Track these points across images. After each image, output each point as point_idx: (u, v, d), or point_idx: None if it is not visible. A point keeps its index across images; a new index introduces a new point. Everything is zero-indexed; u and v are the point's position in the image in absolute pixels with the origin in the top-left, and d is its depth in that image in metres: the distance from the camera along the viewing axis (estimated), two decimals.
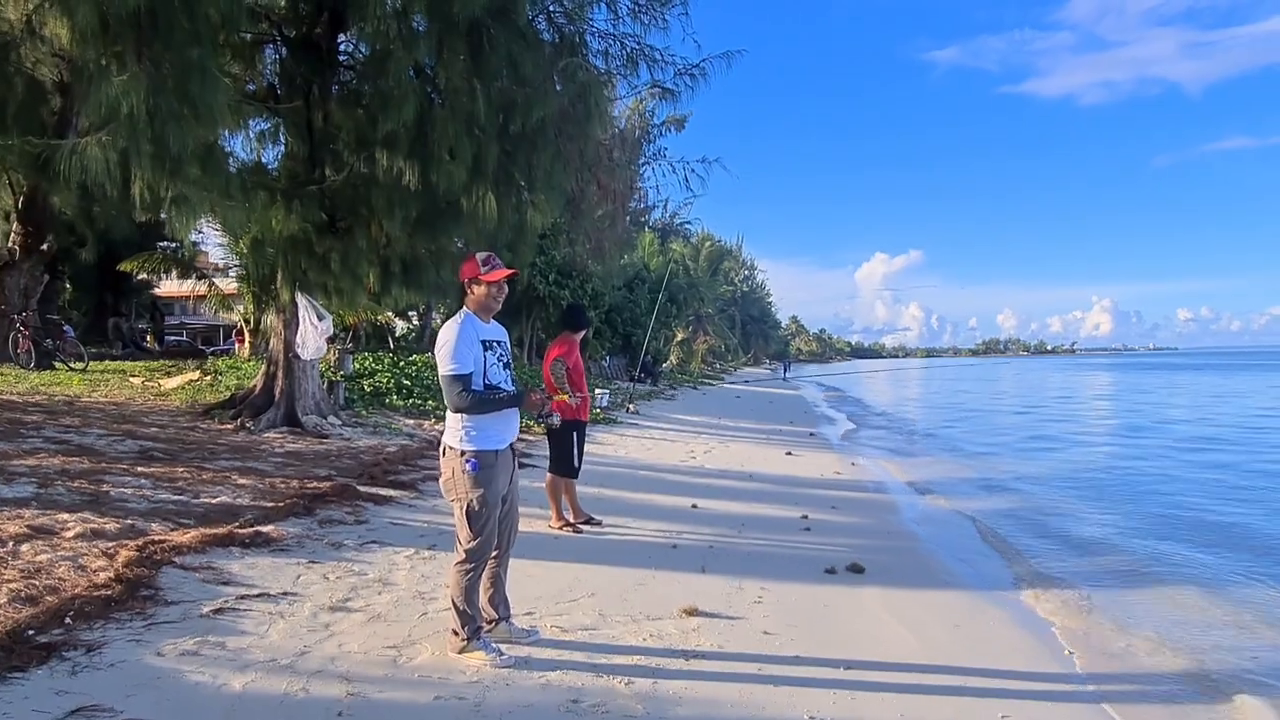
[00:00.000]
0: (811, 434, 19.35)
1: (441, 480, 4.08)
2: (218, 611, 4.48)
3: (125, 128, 6.18)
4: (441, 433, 4.16)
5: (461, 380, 3.87)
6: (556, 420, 4.19)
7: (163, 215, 7.96)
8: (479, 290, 4.05)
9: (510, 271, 4.13)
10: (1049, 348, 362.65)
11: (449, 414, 4.03)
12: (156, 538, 5.49)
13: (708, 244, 59.67)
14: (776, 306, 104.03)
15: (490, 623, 4.30)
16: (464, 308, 4.10)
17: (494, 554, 4.21)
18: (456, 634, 4.09)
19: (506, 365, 4.16)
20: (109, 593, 4.43)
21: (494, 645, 4.15)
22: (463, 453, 3.94)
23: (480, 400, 3.91)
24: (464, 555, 4.02)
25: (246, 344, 21.73)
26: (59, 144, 6.20)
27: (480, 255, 4.10)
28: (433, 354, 4.30)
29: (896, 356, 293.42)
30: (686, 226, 53.47)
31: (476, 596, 4.13)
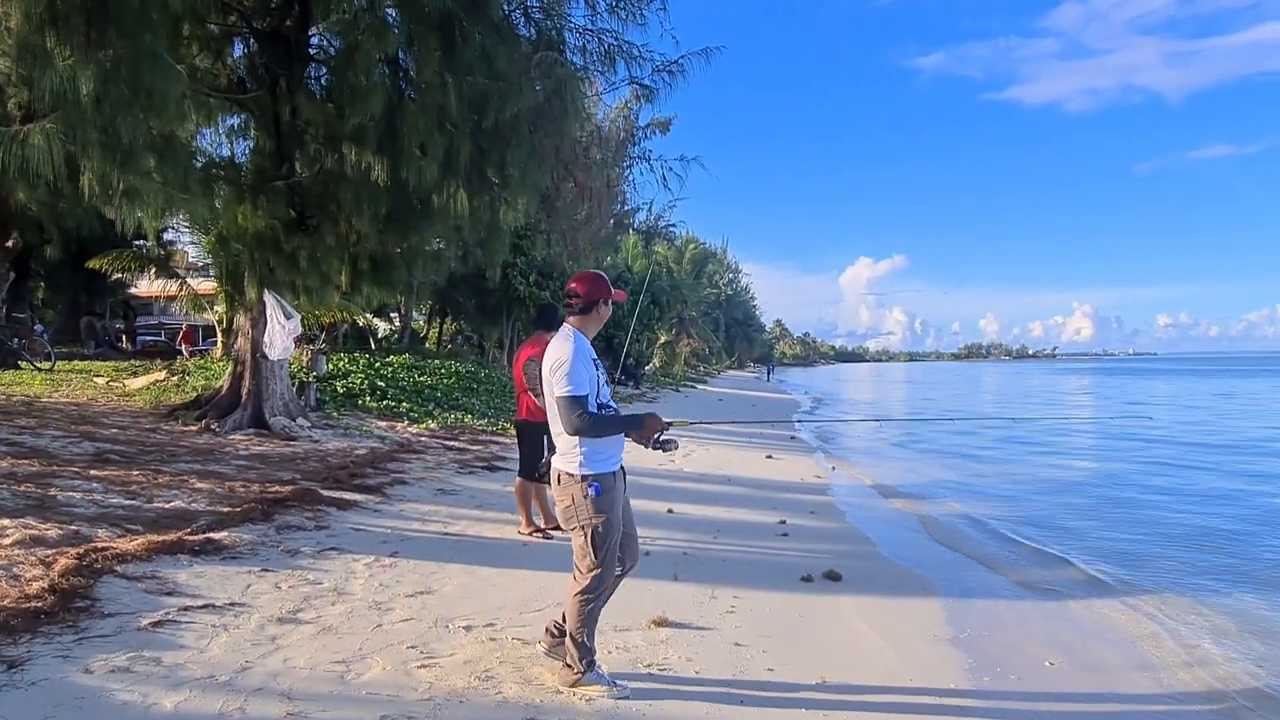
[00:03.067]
0: (792, 437, 19.21)
1: (559, 509, 3.84)
2: (157, 624, 4.22)
3: (72, 115, 5.92)
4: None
5: (580, 402, 3.64)
6: (676, 446, 3.95)
7: (112, 209, 7.60)
8: (604, 311, 3.88)
9: (623, 294, 4.03)
10: (1030, 352, 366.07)
11: (560, 439, 3.78)
12: (100, 545, 5.23)
13: (692, 246, 59.51)
14: (761, 310, 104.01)
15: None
16: (568, 325, 3.86)
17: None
18: (570, 667, 3.82)
19: (606, 383, 3.95)
20: (40, 604, 4.17)
21: (608, 675, 3.89)
22: (583, 478, 3.71)
23: (598, 422, 3.68)
24: (587, 584, 3.76)
25: (220, 344, 21.33)
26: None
27: (602, 275, 3.95)
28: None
29: (880, 360, 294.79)
30: (671, 229, 53.26)
31: (595, 628, 3.87)
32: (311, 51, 10.34)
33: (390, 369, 18.33)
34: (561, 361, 3.66)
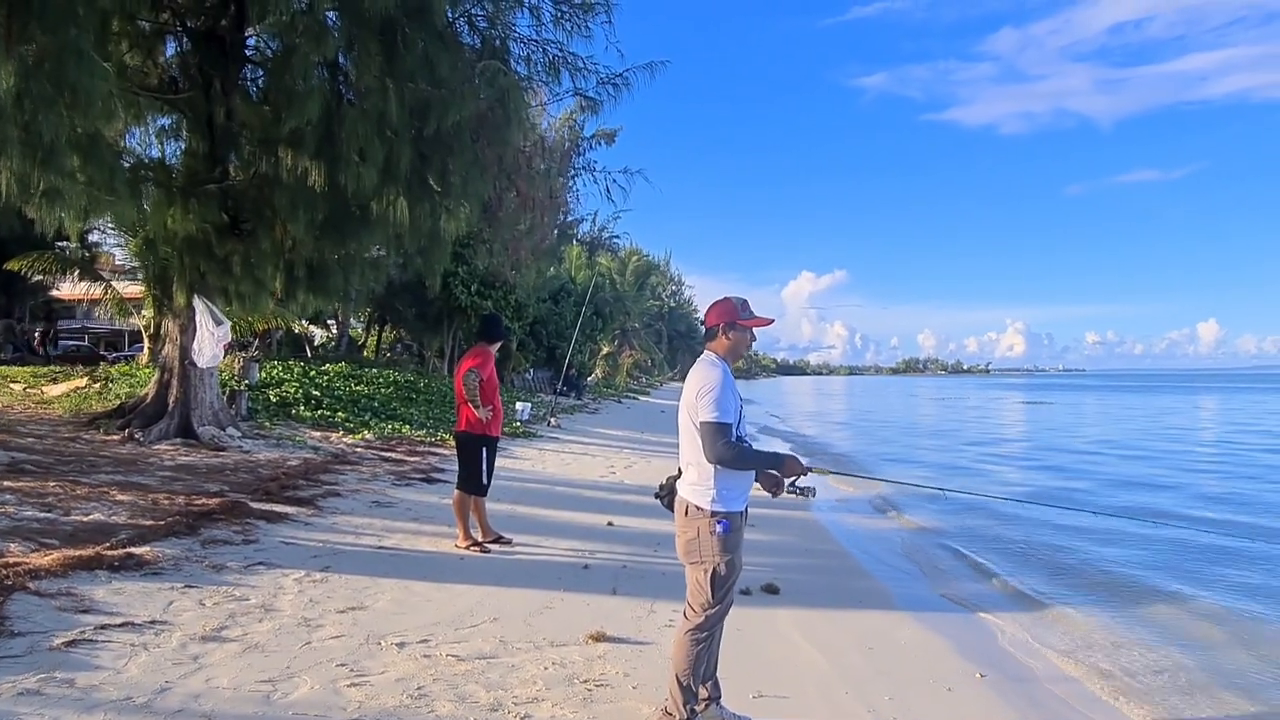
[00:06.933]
0: None
1: (682, 541, 3.67)
2: (71, 644, 4.03)
3: None
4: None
5: (726, 430, 3.50)
6: (814, 494, 3.80)
7: (31, 211, 7.28)
8: (734, 336, 3.74)
9: (770, 320, 3.85)
10: (965, 367, 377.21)
11: (693, 469, 3.64)
12: (11, 560, 4.99)
13: (635, 258, 59.57)
14: (703, 323, 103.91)
15: (702, 703, 3.80)
16: (711, 352, 3.75)
17: None
18: (670, 714, 3.61)
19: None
20: None
21: (731, 712, 3.80)
22: (713, 514, 3.56)
23: (743, 454, 3.54)
24: (701, 621, 3.61)
25: (146, 350, 20.59)
26: None
27: (735, 299, 3.81)
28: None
29: (821, 374, 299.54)
30: (614, 240, 53.31)
31: (700, 671, 3.68)
32: (248, 53, 10.10)
33: (326, 378, 17.94)
34: (710, 387, 3.53)
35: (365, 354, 32.08)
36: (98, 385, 13.92)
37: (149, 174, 9.12)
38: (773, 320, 3.94)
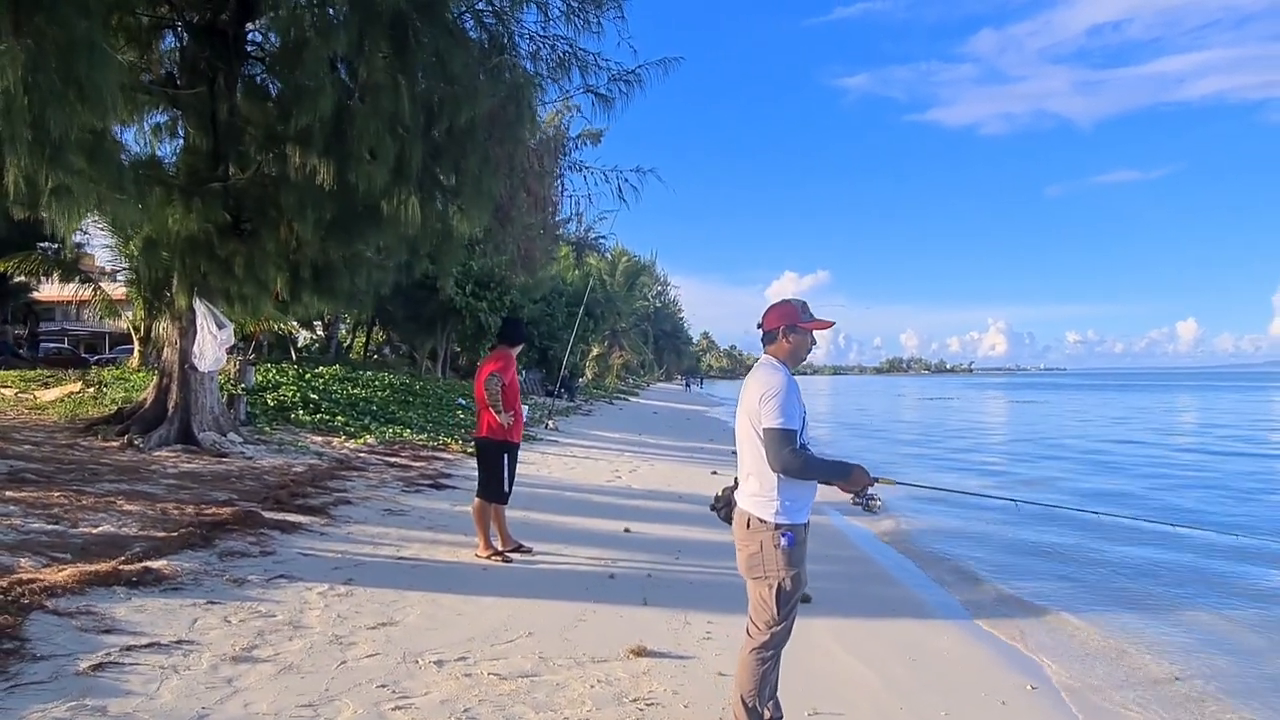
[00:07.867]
0: (734, 452, 19.13)
1: (744, 555, 3.51)
2: (98, 667, 3.82)
3: None
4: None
5: (792, 437, 3.34)
6: (881, 507, 3.64)
7: (41, 212, 7.01)
8: (795, 339, 3.57)
9: (831, 323, 3.70)
10: (949, 367, 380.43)
11: (754, 479, 3.48)
12: (25, 576, 4.76)
13: (625, 259, 59.44)
14: (688, 323, 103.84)
15: None
16: (771, 356, 3.58)
17: None
18: None
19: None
20: None
21: None
22: (777, 526, 3.40)
23: (810, 463, 3.39)
24: (766, 639, 3.46)
25: (137, 352, 20.20)
26: None
27: (795, 301, 3.66)
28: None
29: (804, 373, 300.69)
30: (601, 241, 53.06)
31: (767, 691, 3.53)
32: (250, 49, 9.85)
33: (321, 380, 17.66)
34: (774, 392, 3.37)
35: (352, 356, 31.73)
36: (91, 390, 13.59)
37: (150, 172, 8.85)
38: (834, 323, 3.80)
